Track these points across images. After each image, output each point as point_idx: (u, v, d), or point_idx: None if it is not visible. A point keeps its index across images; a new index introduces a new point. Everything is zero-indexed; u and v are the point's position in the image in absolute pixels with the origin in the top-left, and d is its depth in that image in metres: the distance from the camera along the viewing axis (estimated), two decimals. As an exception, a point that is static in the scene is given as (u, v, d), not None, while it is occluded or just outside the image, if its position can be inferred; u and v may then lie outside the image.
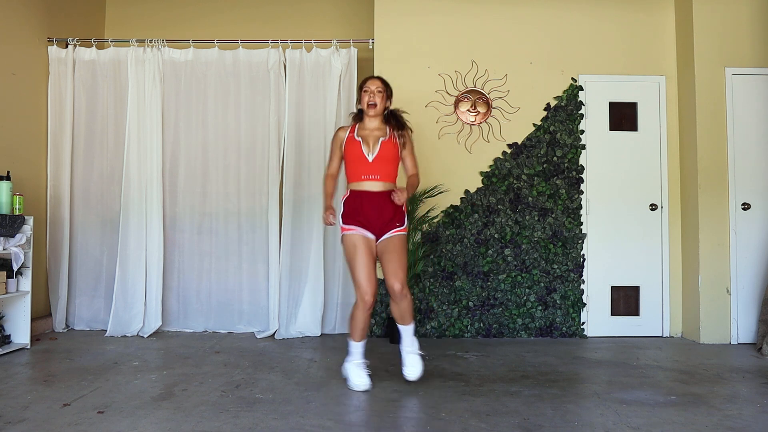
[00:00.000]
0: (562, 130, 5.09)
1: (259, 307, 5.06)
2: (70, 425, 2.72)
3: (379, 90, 3.39)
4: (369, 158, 3.31)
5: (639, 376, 3.75)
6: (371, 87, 3.40)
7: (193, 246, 5.10)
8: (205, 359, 4.06)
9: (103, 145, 5.17)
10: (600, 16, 5.19)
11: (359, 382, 3.32)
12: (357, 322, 3.37)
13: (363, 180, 3.33)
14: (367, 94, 3.39)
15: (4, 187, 4.23)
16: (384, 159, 3.33)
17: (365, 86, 3.41)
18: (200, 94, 5.14)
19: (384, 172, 3.33)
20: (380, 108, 3.40)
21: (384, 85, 3.43)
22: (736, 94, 4.92)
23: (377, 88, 3.39)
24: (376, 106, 3.38)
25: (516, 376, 3.71)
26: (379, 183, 3.32)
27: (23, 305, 4.38)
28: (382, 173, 3.33)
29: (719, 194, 4.85)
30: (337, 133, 3.48)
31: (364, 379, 3.33)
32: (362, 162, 3.32)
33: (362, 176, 3.33)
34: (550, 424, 2.81)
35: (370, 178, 3.32)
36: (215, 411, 2.94)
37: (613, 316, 5.07)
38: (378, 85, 3.40)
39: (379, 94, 3.39)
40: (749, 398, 3.29)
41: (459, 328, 4.95)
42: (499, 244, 5.01)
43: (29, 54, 4.95)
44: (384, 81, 3.45)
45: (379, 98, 3.39)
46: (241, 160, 5.11)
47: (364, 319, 3.35)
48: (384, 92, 3.41)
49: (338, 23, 5.90)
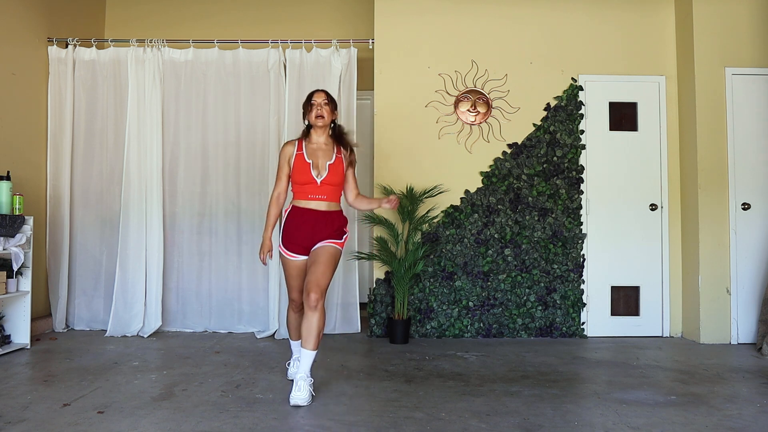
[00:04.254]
0: (562, 130, 5.09)
1: (259, 307, 5.06)
2: (70, 425, 2.72)
3: (325, 102, 3.38)
4: (317, 181, 3.30)
5: (639, 376, 3.75)
6: (318, 100, 3.38)
7: (192, 246, 5.10)
8: (205, 359, 4.06)
9: (103, 145, 5.17)
10: (600, 16, 5.19)
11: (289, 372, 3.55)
12: (290, 323, 3.50)
13: (309, 199, 3.33)
14: (315, 107, 3.36)
15: (4, 187, 4.22)
16: (331, 181, 3.33)
17: (312, 99, 3.40)
18: (200, 94, 5.14)
19: (330, 193, 3.33)
20: (327, 120, 3.39)
21: (329, 97, 3.42)
22: (736, 94, 4.92)
23: (323, 101, 3.37)
24: (324, 118, 3.36)
25: (516, 376, 3.71)
26: (324, 203, 3.32)
27: (23, 305, 4.38)
28: (328, 194, 3.33)
29: (719, 194, 4.85)
30: (285, 147, 3.42)
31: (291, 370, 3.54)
32: (310, 183, 3.31)
33: (308, 196, 3.33)
34: (550, 424, 2.81)
35: (316, 198, 3.32)
36: (215, 411, 2.94)
37: (613, 316, 5.07)
38: (323, 97, 3.39)
39: (326, 107, 3.37)
40: (749, 398, 3.29)
41: (459, 328, 4.95)
42: (499, 244, 5.01)
43: (29, 54, 4.95)
44: (328, 94, 3.45)
45: (326, 111, 3.37)
46: (241, 160, 5.11)
47: (296, 318, 3.47)
48: (329, 104, 3.40)
49: (338, 23, 5.90)
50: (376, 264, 5.01)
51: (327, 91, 3.46)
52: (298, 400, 3.03)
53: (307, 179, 3.30)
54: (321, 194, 3.31)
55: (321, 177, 3.30)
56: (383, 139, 5.10)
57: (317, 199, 3.31)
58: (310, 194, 3.31)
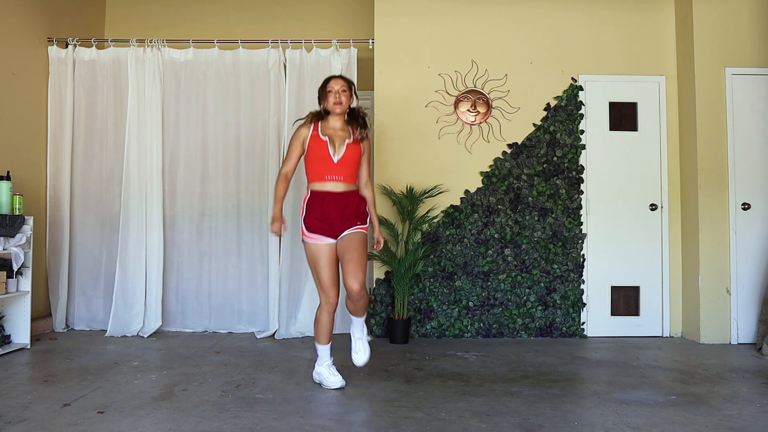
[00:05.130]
0: (562, 130, 5.09)
1: (259, 307, 5.06)
2: (70, 425, 2.72)
3: (344, 89, 3.36)
4: (334, 159, 3.28)
5: (639, 376, 3.75)
6: (335, 87, 3.35)
7: (192, 246, 5.10)
8: (205, 359, 4.06)
9: (102, 145, 5.17)
10: (600, 16, 5.19)
11: (335, 380, 3.37)
12: (323, 325, 3.37)
13: (326, 180, 3.29)
14: (332, 94, 3.35)
15: (4, 187, 4.22)
16: (348, 161, 3.31)
17: (328, 86, 3.37)
18: (200, 94, 5.14)
19: (347, 174, 3.31)
20: (346, 106, 3.37)
21: (348, 83, 3.40)
22: (736, 94, 4.91)
23: (341, 88, 3.35)
24: (343, 104, 3.35)
25: (516, 376, 3.71)
26: (342, 184, 3.30)
27: (23, 305, 4.38)
28: (345, 174, 3.30)
29: (719, 194, 4.85)
30: (300, 129, 3.38)
31: (338, 377, 3.39)
32: (327, 162, 3.28)
33: (325, 176, 3.29)
34: (550, 424, 2.81)
35: (333, 179, 3.29)
36: (215, 411, 2.94)
37: (613, 316, 5.07)
38: (342, 84, 3.37)
39: (344, 93, 3.35)
40: (749, 398, 3.29)
41: (459, 328, 4.95)
42: (499, 244, 5.01)
43: (29, 54, 4.95)
44: (347, 80, 3.43)
45: (345, 97, 3.36)
46: (241, 160, 5.11)
47: (329, 321, 3.38)
48: (348, 91, 3.38)
49: (338, 23, 5.90)
50: (376, 264, 5.01)
51: (346, 77, 3.45)
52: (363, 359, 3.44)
53: (324, 156, 3.27)
54: (338, 174, 3.28)
55: (338, 155, 3.28)
56: (383, 139, 5.10)
57: (334, 180, 3.28)
58: (327, 174, 3.28)
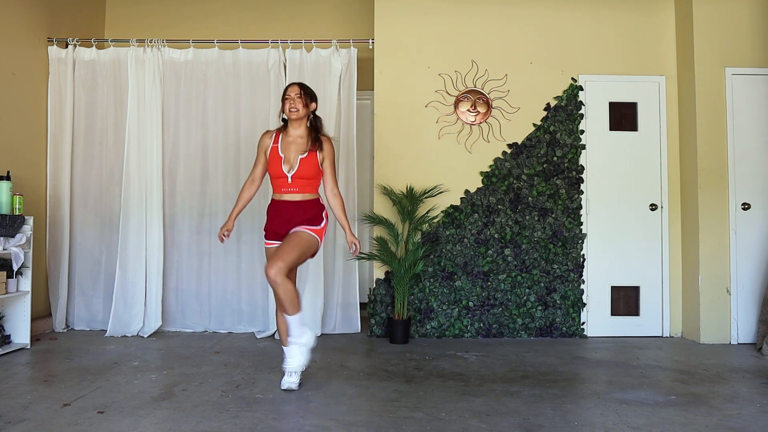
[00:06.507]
0: (562, 130, 5.09)
1: (259, 307, 5.05)
2: (70, 425, 2.72)
3: (298, 95, 3.39)
4: (288, 176, 3.35)
5: (639, 376, 3.75)
6: (291, 94, 3.39)
7: (192, 246, 5.10)
8: (205, 359, 4.06)
9: (102, 145, 5.17)
10: (600, 16, 5.19)
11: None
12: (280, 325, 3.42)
13: (283, 192, 3.41)
14: (288, 101, 3.39)
15: (4, 187, 4.22)
16: (303, 174, 3.36)
17: (286, 94, 3.42)
18: (200, 94, 5.14)
19: (302, 185, 3.38)
20: (302, 113, 3.41)
21: (302, 89, 3.42)
22: (736, 94, 4.91)
23: (296, 94, 3.38)
24: (298, 111, 3.39)
25: (516, 376, 3.71)
26: (298, 195, 3.39)
27: (23, 305, 4.38)
28: (300, 186, 3.38)
29: (719, 194, 4.85)
30: (263, 138, 3.49)
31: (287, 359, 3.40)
32: (282, 178, 3.38)
33: (281, 189, 3.40)
34: (550, 424, 2.81)
35: (289, 191, 3.39)
36: (215, 411, 2.94)
37: (613, 316, 5.07)
38: (297, 91, 3.39)
39: (298, 100, 3.38)
40: (749, 398, 3.29)
41: (459, 328, 4.95)
42: (499, 244, 5.01)
43: (29, 54, 4.94)
44: (303, 85, 3.45)
45: (300, 104, 3.38)
46: (241, 160, 5.10)
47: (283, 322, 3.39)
48: (303, 98, 3.40)
49: (338, 23, 5.90)
50: (376, 264, 5.01)
51: (303, 84, 3.48)
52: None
53: (279, 173, 3.38)
54: (293, 188, 3.38)
55: (292, 172, 3.36)
56: (383, 139, 5.10)
57: (290, 192, 3.39)
58: (283, 188, 3.40)
